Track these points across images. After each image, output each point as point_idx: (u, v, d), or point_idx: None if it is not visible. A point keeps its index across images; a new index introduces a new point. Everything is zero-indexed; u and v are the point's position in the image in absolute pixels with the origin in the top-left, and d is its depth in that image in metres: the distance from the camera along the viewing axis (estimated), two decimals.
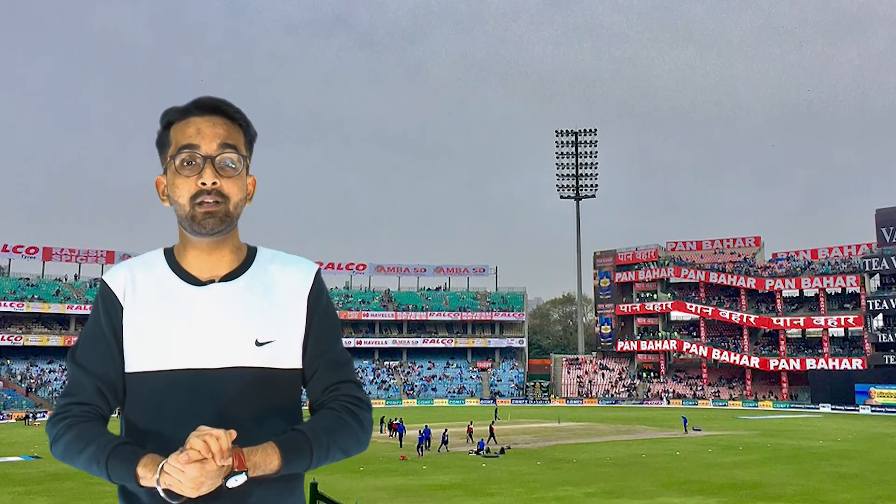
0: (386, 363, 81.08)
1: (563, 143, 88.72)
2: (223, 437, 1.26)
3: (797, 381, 69.68)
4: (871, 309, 66.63)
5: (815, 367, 67.61)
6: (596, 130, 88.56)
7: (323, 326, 1.55)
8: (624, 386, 77.56)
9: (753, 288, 73.62)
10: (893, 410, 58.89)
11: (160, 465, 1.29)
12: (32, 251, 72.29)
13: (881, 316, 66.81)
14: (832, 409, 62.55)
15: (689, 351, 77.31)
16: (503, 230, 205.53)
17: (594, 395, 76.31)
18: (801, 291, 72.86)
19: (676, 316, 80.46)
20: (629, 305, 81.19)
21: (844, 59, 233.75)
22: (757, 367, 71.52)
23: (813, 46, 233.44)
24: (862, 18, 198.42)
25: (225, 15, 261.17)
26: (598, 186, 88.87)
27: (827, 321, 69.48)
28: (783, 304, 72.75)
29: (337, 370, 1.55)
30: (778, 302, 72.66)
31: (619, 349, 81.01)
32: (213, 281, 1.49)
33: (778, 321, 71.86)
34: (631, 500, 20.83)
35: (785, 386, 70.21)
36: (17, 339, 66.99)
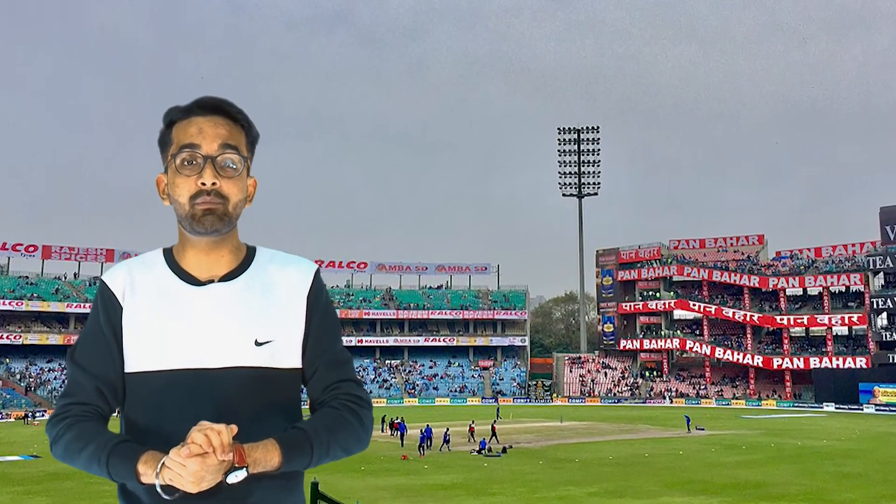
0: (387, 362, 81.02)
1: (565, 140, 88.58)
2: (224, 431, 1.27)
3: (801, 380, 69.47)
4: (875, 307, 66.39)
5: (818, 365, 67.41)
6: (598, 128, 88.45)
7: (322, 326, 1.55)
8: (626, 385, 77.40)
9: (757, 286, 73.42)
10: None
11: (161, 461, 1.30)
12: (32, 249, 72.02)
13: (885, 314, 66.56)
14: (836, 408, 62.33)
15: (692, 350, 77.12)
16: (505, 228, 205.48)
17: (596, 394, 76.15)
18: (804, 290, 72.66)
19: (679, 314, 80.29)
20: (632, 304, 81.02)
21: (848, 56, 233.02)
22: (760, 365, 71.32)
23: (817, 43, 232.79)
24: (866, 15, 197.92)
25: (225, 12, 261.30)
26: (600, 184, 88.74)
27: (831, 320, 69.27)
28: (787, 302, 72.54)
29: (337, 369, 1.55)
30: (781, 300, 72.44)
31: (621, 348, 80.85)
32: (212, 281, 1.51)
33: (781, 320, 71.64)
34: (633, 499, 20.72)
35: (788, 385, 70.00)
36: (16, 337, 66.70)
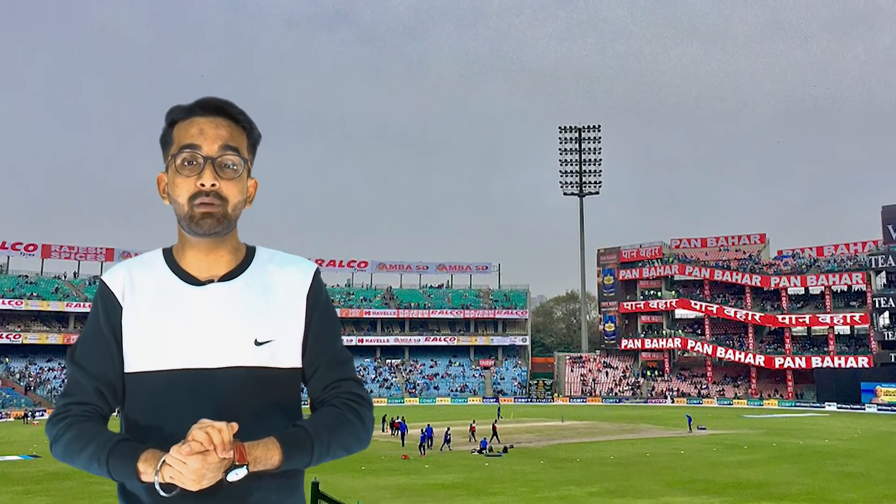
0: (388, 361, 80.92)
1: (566, 139, 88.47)
2: (225, 429, 1.28)
3: (802, 379, 69.32)
4: (877, 307, 66.24)
5: (820, 365, 67.26)
6: (599, 127, 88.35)
7: (322, 325, 1.55)
8: (628, 384, 77.27)
9: (758, 285, 73.28)
10: None
11: (161, 459, 1.30)
12: (31, 248, 71.79)
13: (887, 314, 66.41)
14: (838, 407, 62.19)
15: (693, 349, 77.00)
16: (506, 227, 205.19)
17: (598, 393, 76.03)
18: (806, 289, 72.52)
19: (681, 314, 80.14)
20: (633, 303, 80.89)
21: (850, 54, 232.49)
22: (762, 365, 71.16)
23: (818, 42, 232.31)
24: (868, 14, 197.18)
25: (225, 11, 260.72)
26: (601, 183, 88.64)
27: (833, 319, 69.12)
28: (788, 301, 72.39)
29: (337, 368, 1.56)
30: (783, 300, 72.29)
31: (622, 347, 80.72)
32: (211, 281, 1.51)
33: (783, 319, 71.49)
34: (635, 499, 20.64)
35: (790, 384, 69.85)
36: (15, 336, 66.47)
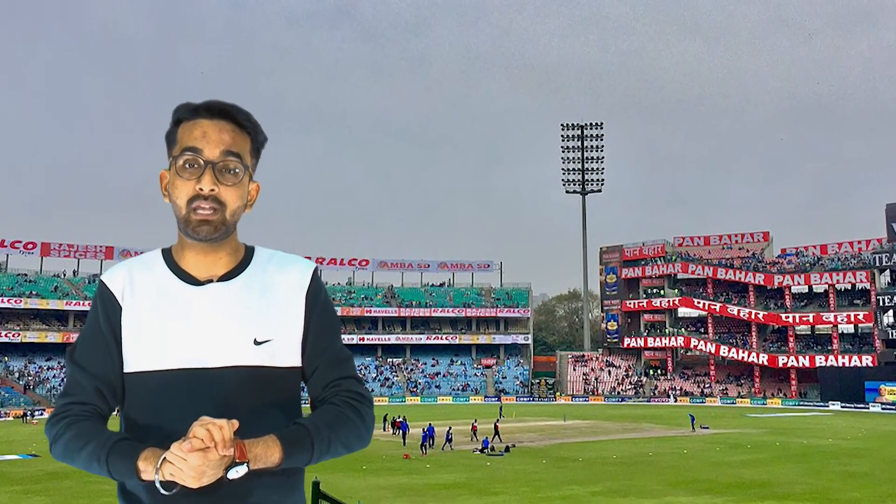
0: (389, 360, 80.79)
1: (568, 136, 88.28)
2: (226, 426, 1.28)
3: (806, 378, 69.07)
4: (881, 305, 65.96)
5: (824, 364, 67.00)
6: (602, 124, 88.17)
7: (322, 324, 1.56)
8: (630, 383, 77.08)
9: (762, 284, 73.01)
10: None
11: (161, 457, 1.30)
12: (30, 246, 71.59)
13: (891, 312, 66.15)
14: (842, 406, 61.96)
15: (696, 348, 76.77)
16: (508, 224, 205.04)
17: (600, 392, 75.86)
18: (810, 287, 72.24)
19: (684, 312, 79.90)
20: (636, 301, 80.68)
21: (855, 51, 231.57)
22: (765, 364, 70.92)
23: (822, 39, 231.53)
24: (873, 10, 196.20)
25: (226, 7, 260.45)
26: (604, 181, 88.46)
27: (836, 317, 68.83)
28: (792, 300, 72.12)
29: (337, 367, 1.56)
30: (787, 298, 72.02)
31: (625, 346, 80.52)
32: (211, 281, 1.52)
33: (787, 317, 71.23)
34: (638, 499, 20.53)
35: (794, 383, 69.60)
36: (14, 335, 66.22)
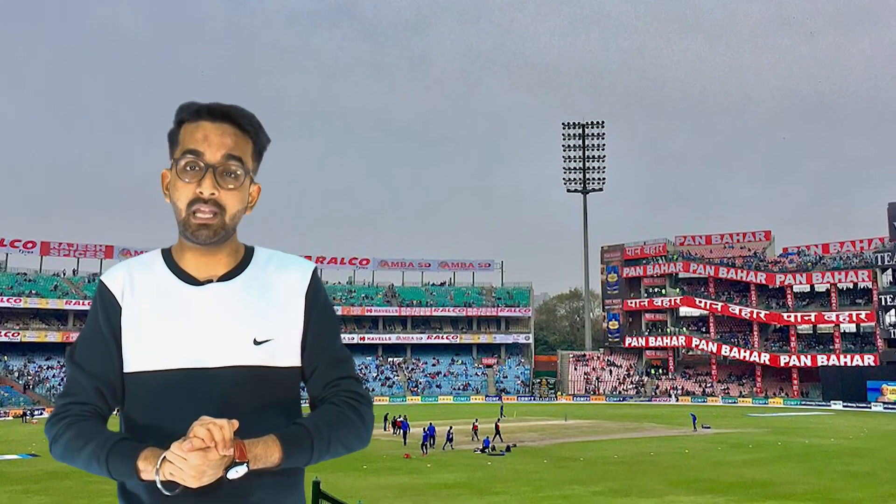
0: (390, 359, 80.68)
1: (569, 135, 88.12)
2: (226, 426, 1.29)
3: (808, 377, 68.94)
4: (883, 304, 65.78)
5: (826, 363, 66.84)
6: (603, 122, 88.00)
7: (321, 324, 1.56)
8: (632, 383, 76.96)
9: (764, 283, 72.85)
10: None
11: (161, 456, 1.30)
12: (30, 245, 71.37)
13: (893, 311, 65.90)
14: (843, 406, 61.81)
15: (698, 347, 76.61)
16: (509, 224, 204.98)
17: (601, 392, 75.76)
18: (812, 286, 72.06)
19: (685, 311, 79.74)
20: (637, 301, 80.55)
21: (857, 49, 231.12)
22: (767, 363, 70.78)
23: (824, 37, 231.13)
24: (874, 9, 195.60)
25: (225, 6, 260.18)
26: (605, 179, 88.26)
27: (838, 317, 68.68)
28: (794, 299, 71.96)
29: (337, 367, 1.56)
30: (788, 297, 71.86)
31: (626, 345, 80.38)
32: (211, 281, 1.52)
33: (788, 317, 71.08)
34: (639, 498, 20.47)
35: (795, 383, 69.46)
36: (14, 335, 65.97)
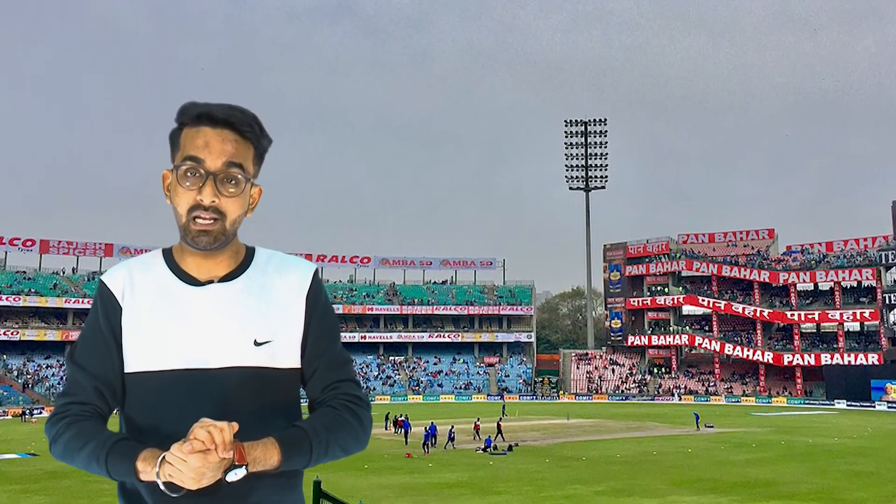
0: (391, 358, 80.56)
1: (572, 132, 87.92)
2: (227, 429, 1.29)
3: (812, 376, 68.71)
4: (887, 303, 65.54)
5: (829, 362, 66.63)
6: (606, 120, 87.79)
7: (322, 326, 1.56)
8: (634, 382, 76.78)
9: (767, 281, 72.60)
10: None
11: (160, 457, 1.30)
12: (29, 244, 71.31)
13: None
14: (847, 405, 61.60)
15: (701, 346, 76.40)
16: (511, 222, 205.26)
17: (604, 391, 75.59)
18: (815, 285, 71.82)
19: (688, 310, 79.53)
20: (640, 299, 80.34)
21: (860, 46, 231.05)
22: (770, 362, 70.54)
23: (828, 34, 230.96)
24: (878, 6, 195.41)
25: (225, 2, 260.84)
26: (607, 177, 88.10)
27: (842, 315, 68.42)
28: (797, 297, 71.71)
29: (336, 369, 1.56)
30: (792, 296, 71.61)
31: (629, 344, 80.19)
32: (211, 281, 1.52)
33: (792, 315, 70.82)
34: (642, 498, 20.36)
35: (799, 381, 69.22)
36: (13, 333, 65.86)
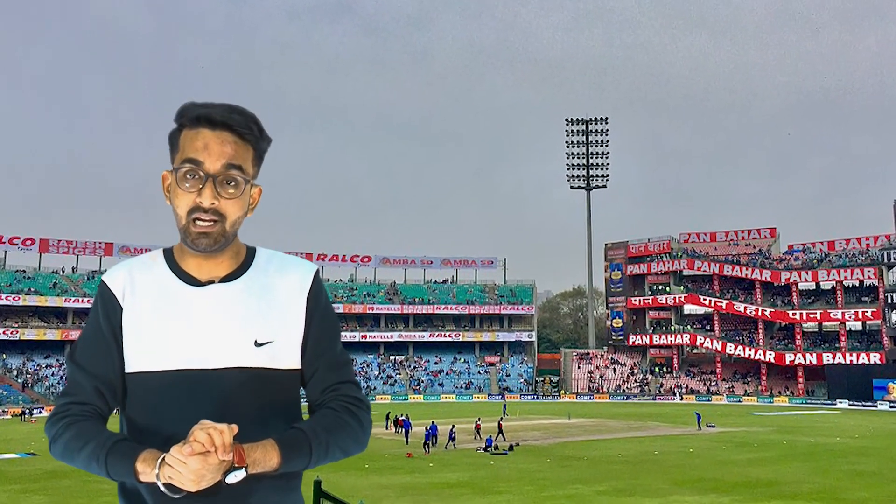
0: (392, 358, 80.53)
1: (573, 131, 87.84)
2: (226, 431, 1.29)
3: (813, 376, 68.57)
4: (889, 302, 65.40)
5: (831, 361, 66.51)
6: (607, 119, 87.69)
7: (322, 327, 1.56)
8: (636, 381, 76.69)
9: (769, 281, 72.48)
10: None
11: (160, 458, 1.31)
12: (29, 243, 71.24)
13: None
14: (849, 404, 61.49)
15: (702, 345, 76.30)
16: (512, 220, 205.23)
17: (605, 390, 75.51)
18: (817, 284, 71.71)
19: (690, 309, 79.44)
20: (641, 298, 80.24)
21: (862, 45, 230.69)
22: (772, 361, 70.42)
23: (830, 33, 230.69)
24: (880, 4, 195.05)
25: (226, 1, 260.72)
26: (609, 176, 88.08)
27: (844, 315, 68.29)
28: (799, 297, 71.58)
29: (336, 371, 1.56)
30: (794, 295, 71.47)
31: (630, 343, 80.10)
32: (212, 282, 1.52)
33: (794, 315, 70.68)
34: (643, 498, 20.29)
35: (801, 381, 69.09)
36: (13, 332, 65.78)
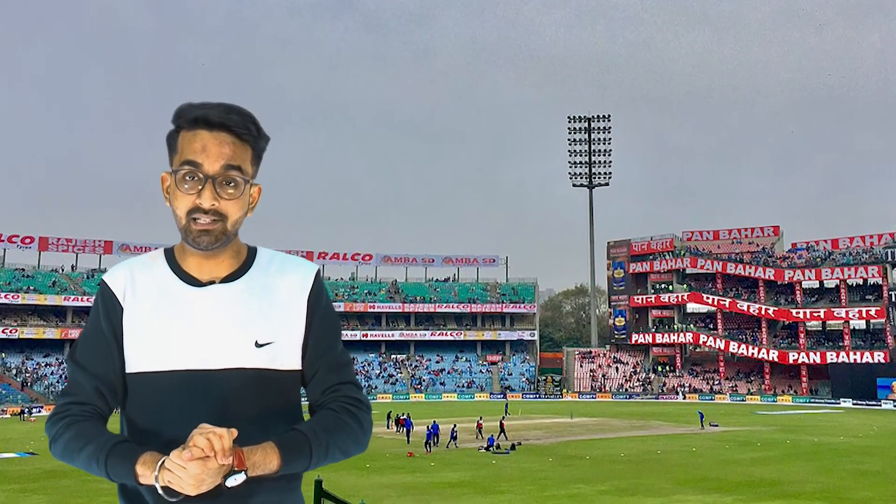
0: (393, 356, 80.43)
1: (575, 129, 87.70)
2: (226, 435, 1.28)
3: (817, 374, 68.34)
4: (893, 300, 65.11)
5: (835, 360, 66.26)
6: (609, 116, 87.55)
7: (323, 327, 1.56)
8: (638, 380, 76.53)
9: (772, 279, 72.24)
10: None
11: (159, 462, 1.30)
12: (28, 241, 71.14)
13: None
14: (853, 403, 61.25)
15: (705, 344, 76.08)
16: (514, 219, 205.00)
17: (608, 389, 75.36)
18: (821, 282, 71.44)
19: (693, 308, 79.21)
20: (644, 297, 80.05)
21: (866, 42, 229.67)
22: (776, 360, 70.20)
23: (833, 29, 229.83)
24: (884, 1, 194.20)
25: None
26: (611, 174, 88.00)
27: (848, 313, 68.00)
28: (803, 295, 71.32)
29: (337, 371, 1.56)
30: (797, 293, 71.22)
31: (633, 342, 79.94)
32: (213, 282, 1.52)
33: (797, 313, 70.42)
34: (646, 497, 20.17)
35: (804, 380, 68.86)
36: (12, 331, 65.64)
